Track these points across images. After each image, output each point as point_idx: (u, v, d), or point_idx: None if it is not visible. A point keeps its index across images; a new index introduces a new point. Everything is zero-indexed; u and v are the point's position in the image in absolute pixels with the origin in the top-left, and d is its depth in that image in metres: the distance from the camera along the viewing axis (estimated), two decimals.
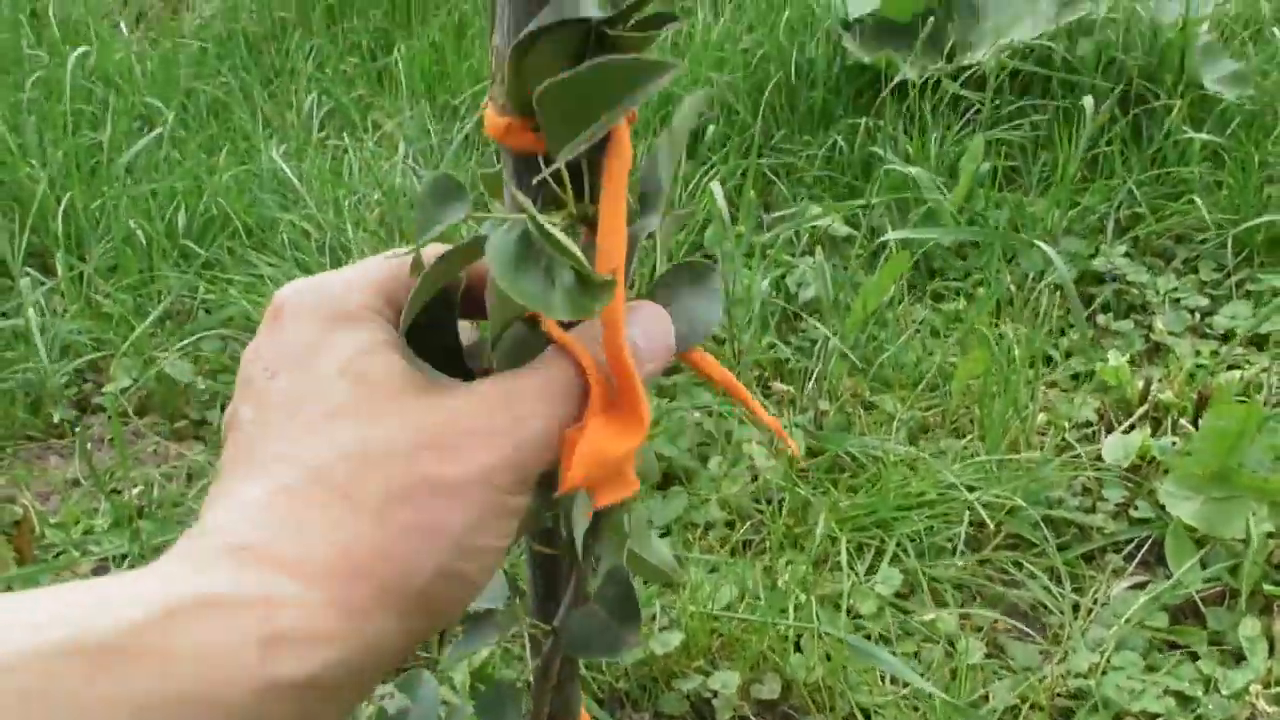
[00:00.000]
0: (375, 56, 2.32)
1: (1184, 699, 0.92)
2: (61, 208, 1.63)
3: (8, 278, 1.57)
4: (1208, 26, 1.96)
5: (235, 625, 0.27)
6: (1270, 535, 1.04)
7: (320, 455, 0.31)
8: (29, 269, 1.57)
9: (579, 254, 0.36)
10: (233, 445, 0.33)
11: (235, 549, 0.29)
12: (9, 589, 0.96)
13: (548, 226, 0.35)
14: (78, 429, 1.35)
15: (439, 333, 0.42)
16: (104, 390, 1.39)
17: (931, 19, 1.86)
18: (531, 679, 0.58)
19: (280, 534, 0.29)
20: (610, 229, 0.38)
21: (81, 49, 2.09)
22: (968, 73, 1.83)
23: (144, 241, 1.59)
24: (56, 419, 1.35)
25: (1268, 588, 1.00)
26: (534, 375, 0.34)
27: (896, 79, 1.80)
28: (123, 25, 2.42)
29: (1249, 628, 0.98)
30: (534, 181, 0.40)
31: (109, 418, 1.36)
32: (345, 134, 1.96)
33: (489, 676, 0.90)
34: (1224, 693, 0.92)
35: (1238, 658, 0.97)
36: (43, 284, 1.51)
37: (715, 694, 0.94)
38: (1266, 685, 0.93)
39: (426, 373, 0.34)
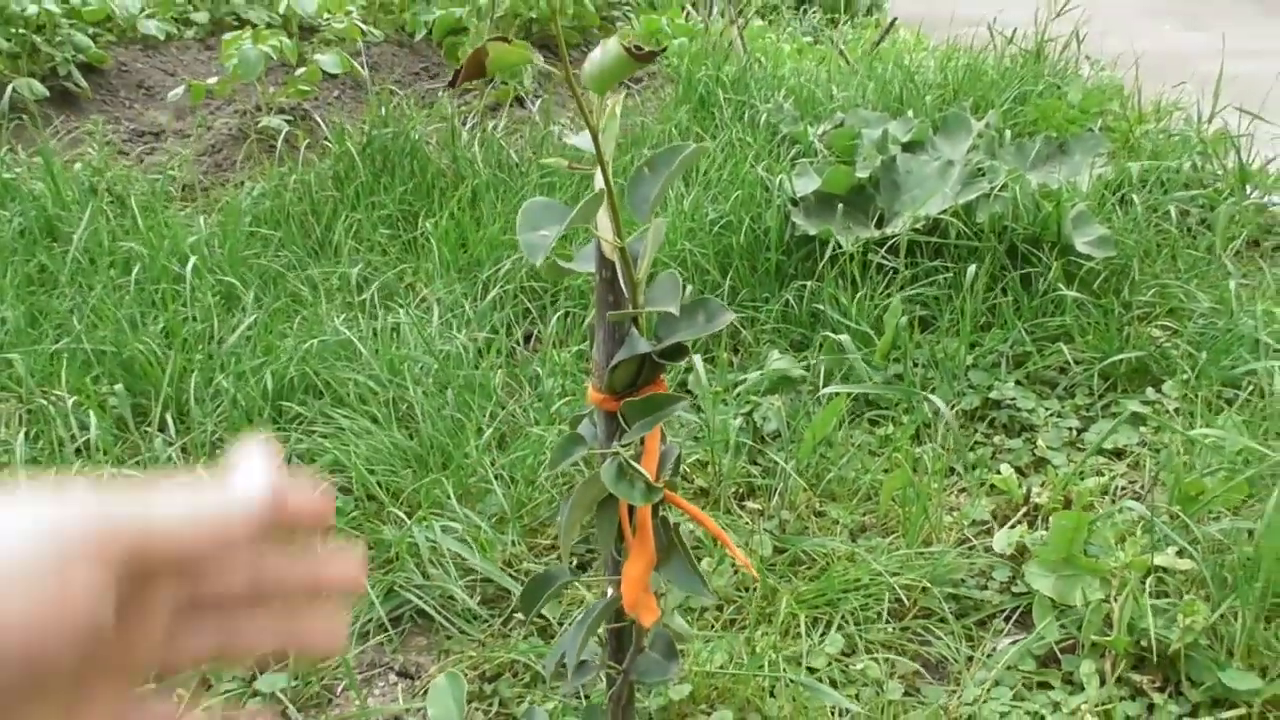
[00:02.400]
0: (404, 229, 2.78)
1: (1037, 715, 1.33)
2: (167, 375, 2.04)
3: (126, 433, 1.98)
4: (1088, 188, 2.46)
5: None
6: (1103, 601, 1.45)
7: None
8: (145, 428, 1.98)
9: (646, 474, 0.79)
10: None
11: None
12: (203, 681, 1.35)
13: (634, 465, 0.78)
14: None
15: None
16: None
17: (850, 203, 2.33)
18: (608, 703, 0.99)
19: None
20: (651, 457, 0.82)
21: (161, 238, 2.53)
22: (891, 240, 2.30)
23: (244, 404, 2.00)
24: None
25: (1095, 638, 1.41)
26: None
27: (834, 250, 2.27)
28: (198, 210, 2.86)
29: (1087, 667, 1.39)
30: (615, 431, 0.83)
31: None
32: (389, 300, 2.40)
33: (569, 712, 1.30)
34: (1064, 711, 1.33)
35: (1080, 688, 1.38)
36: (170, 444, 1.91)
37: None
38: (1095, 705, 1.33)
39: None
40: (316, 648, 0.40)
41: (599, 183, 0.80)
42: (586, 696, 1.38)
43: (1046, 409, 2.00)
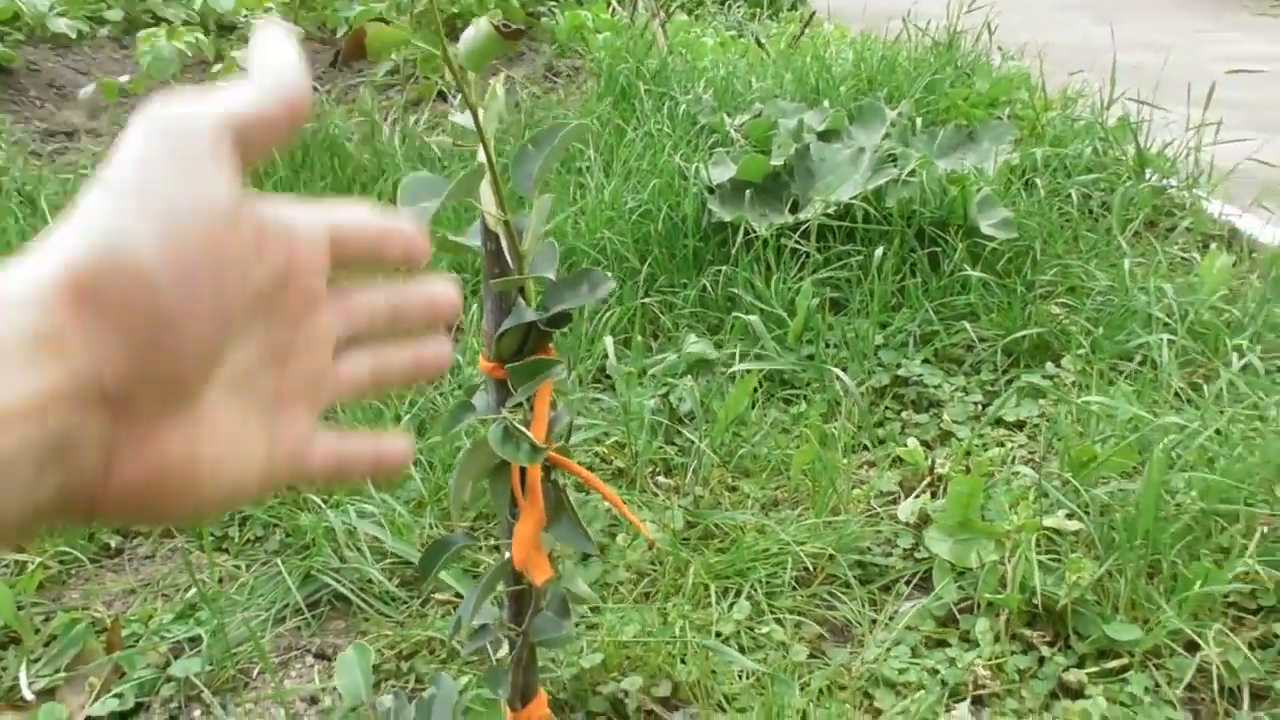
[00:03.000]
0: None
1: (933, 671, 1.39)
2: None
3: None
4: (993, 175, 2.54)
5: None
6: (997, 562, 1.52)
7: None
8: None
9: (531, 436, 0.82)
10: None
11: None
12: (116, 668, 1.35)
13: (519, 428, 0.82)
14: (124, 550, 1.74)
15: None
16: None
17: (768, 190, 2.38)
18: (510, 665, 1.03)
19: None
20: (539, 421, 0.85)
21: None
22: (804, 226, 2.36)
23: None
24: (111, 544, 1.73)
25: (990, 597, 1.47)
26: None
27: (749, 235, 2.32)
28: None
29: (982, 625, 1.46)
30: (506, 399, 0.86)
31: (147, 540, 1.76)
32: None
33: (480, 684, 1.33)
34: (959, 666, 1.39)
35: (975, 645, 1.44)
36: None
37: (627, 694, 1.37)
38: (988, 660, 1.40)
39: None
40: (438, 364, 0.44)
41: (482, 157, 0.83)
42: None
43: (953, 385, 2.07)
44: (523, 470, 0.89)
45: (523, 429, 0.82)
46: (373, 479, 0.42)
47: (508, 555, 0.95)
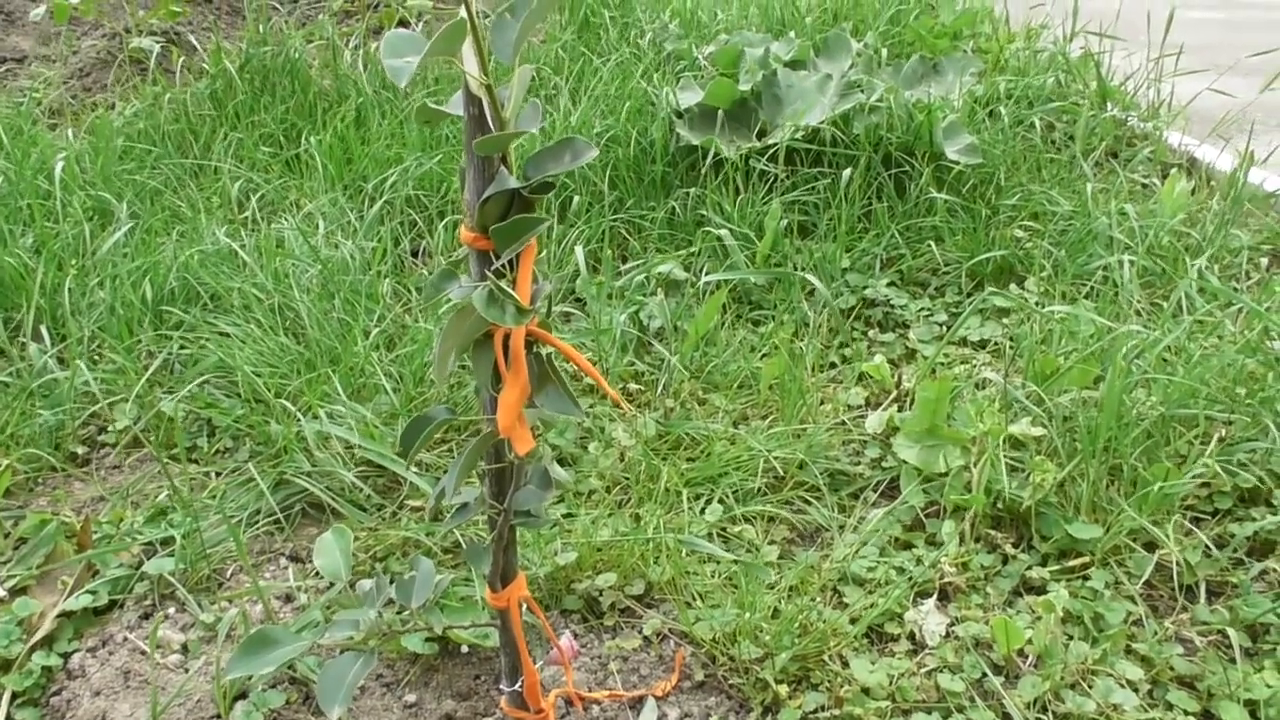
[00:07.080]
0: (286, 147, 2.73)
1: (900, 569, 1.42)
2: (38, 285, 1.99)
3: None
4: (959, 103, 2.56)
5: None
6: (963, 468, 1.55)
7: None
8: (21, 340, 1.93)
9: (517, 297, 0.83)
10: None
11: None
12: (89, 567, 1.34)
13: (504, 287, 0.82)
14: (92, 460, 1.73)
15: None
16: (108, 429, 1.77)
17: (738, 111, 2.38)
18: (491, 544, 1.03)
19: None
20: (523, 284, 0.85)
21: (29, 153, 2.44)
22: (772, 149, 2.36)
23: (122, 312, 1.96)
24: (78, 452, 1.71)
25: (956, 499, 1.51)
26: None
27: (717, 157, 2.32)
28: (67, 127, 2.75)
29: (948, 527, 1.49)
30: (490, 269, 0.86)
31: (115, 450, 1.74)
32: (271, 215, 2.37)
33: (455, 584, 1.33)
34: (925, 564, 1.42)
35: (940, 545, 1.48)
36: (44, 352, 1.86)
37: (601, 592, 1.39)
38: (954, 559, 1.43)
39: None
40: None
41: (464, 14, 0.82)
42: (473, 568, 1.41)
43: (918, 306, 2.10)
44: (505, 342, 0.89)
45: (508, 289, 0.82)
46: None
47: (488, 429, 0.96)
